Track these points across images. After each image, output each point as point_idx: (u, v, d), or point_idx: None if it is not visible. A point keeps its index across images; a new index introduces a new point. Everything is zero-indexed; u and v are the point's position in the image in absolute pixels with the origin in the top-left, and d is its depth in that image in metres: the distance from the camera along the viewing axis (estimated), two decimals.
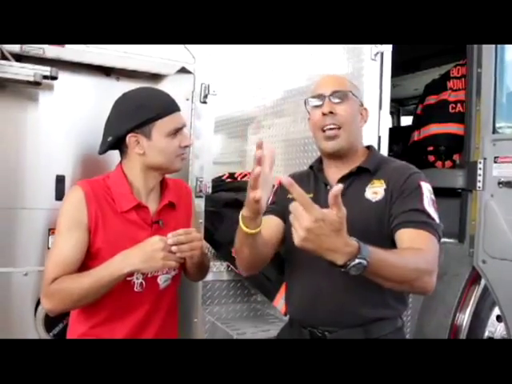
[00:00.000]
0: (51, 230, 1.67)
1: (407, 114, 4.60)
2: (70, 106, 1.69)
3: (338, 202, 0.91)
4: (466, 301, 2.45)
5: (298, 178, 1.47)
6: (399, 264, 1.04)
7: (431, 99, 3.03)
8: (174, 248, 1.18)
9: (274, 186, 1.55)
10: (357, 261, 0.93)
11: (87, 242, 1.26)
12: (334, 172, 1.38)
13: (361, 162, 1.36)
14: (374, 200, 1.28)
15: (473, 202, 2.39)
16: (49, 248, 1.67)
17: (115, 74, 1.74)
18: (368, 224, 1.25)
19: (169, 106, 1.32)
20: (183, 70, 1.83)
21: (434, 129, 2.92)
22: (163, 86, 1.73)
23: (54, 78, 1.54)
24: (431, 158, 2.97)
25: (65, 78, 1.62)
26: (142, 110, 1.29)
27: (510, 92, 2.39)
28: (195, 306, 1.88)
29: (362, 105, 1.40)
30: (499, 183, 2.26)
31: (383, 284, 1.06)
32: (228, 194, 2.24)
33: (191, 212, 1.49)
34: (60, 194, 1.67)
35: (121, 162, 1.37)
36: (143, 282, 1.31)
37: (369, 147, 1.45)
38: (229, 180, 2.52)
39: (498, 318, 2.56)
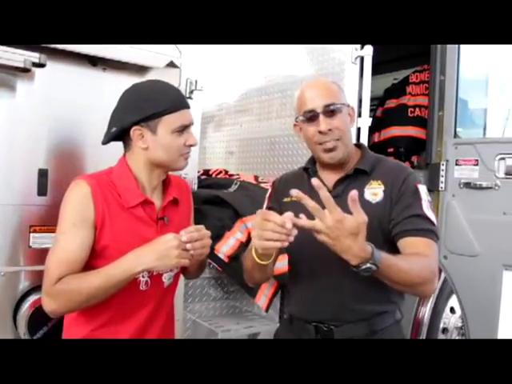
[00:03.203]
0: (32, 227, 1.58)
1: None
2: (54, 95, 1.60)
3: (357, 208, 1.00)
4: None
5: (293, 179, 1.47)
6: (406, 269, 1.14)
7: (391, 103, 3.16)
8: (188, 245, 1.15)
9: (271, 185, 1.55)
10: (368, 265, 1.05)
11: (92, 239, 1.20)
12: (329, 174, 1.37)
13: (356, 163, 1.37)
14: (373, 201, 1.30)
15: (435, 202, 2.53)
16: (30, 246, 1.57)
17: (102, 64, 1.67)
18: (369, 226, 1.28)
19: (178, 102, 1.28)
20: (170, 64, 1.79)
21: (394, 131, 3.06)
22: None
23: (43, 65, 1.46)
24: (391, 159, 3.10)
25: (49, 65, 1.52)
26: (150, 104, 1.24)
27: (469, 100, 2.56)
28: (177, 305, 1.84)
29: (348, 105, 1.38)
30: (460, 184, 2.42)
31: (389, 284, 1.17)
32: (206, 191, 2.21)
33: (191, 208, 1.46)
34: (43, 189, 1.58)
35: (124, 155, 1.31)
36: (148, 281, 1.27)
37: (359, 145, 1.46)
38: (204, 177, 2.50)
39: (452, 310, 2.75)
